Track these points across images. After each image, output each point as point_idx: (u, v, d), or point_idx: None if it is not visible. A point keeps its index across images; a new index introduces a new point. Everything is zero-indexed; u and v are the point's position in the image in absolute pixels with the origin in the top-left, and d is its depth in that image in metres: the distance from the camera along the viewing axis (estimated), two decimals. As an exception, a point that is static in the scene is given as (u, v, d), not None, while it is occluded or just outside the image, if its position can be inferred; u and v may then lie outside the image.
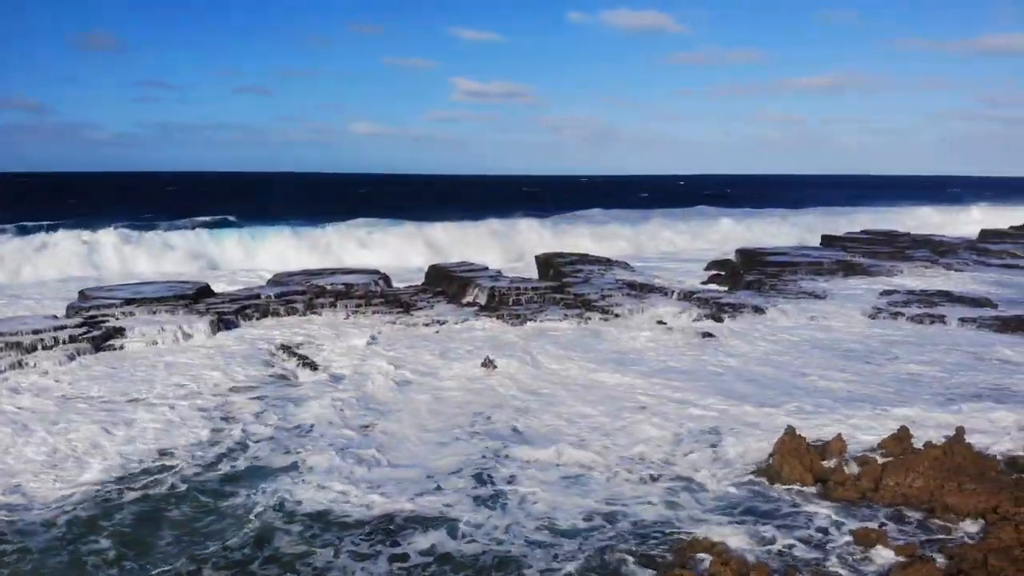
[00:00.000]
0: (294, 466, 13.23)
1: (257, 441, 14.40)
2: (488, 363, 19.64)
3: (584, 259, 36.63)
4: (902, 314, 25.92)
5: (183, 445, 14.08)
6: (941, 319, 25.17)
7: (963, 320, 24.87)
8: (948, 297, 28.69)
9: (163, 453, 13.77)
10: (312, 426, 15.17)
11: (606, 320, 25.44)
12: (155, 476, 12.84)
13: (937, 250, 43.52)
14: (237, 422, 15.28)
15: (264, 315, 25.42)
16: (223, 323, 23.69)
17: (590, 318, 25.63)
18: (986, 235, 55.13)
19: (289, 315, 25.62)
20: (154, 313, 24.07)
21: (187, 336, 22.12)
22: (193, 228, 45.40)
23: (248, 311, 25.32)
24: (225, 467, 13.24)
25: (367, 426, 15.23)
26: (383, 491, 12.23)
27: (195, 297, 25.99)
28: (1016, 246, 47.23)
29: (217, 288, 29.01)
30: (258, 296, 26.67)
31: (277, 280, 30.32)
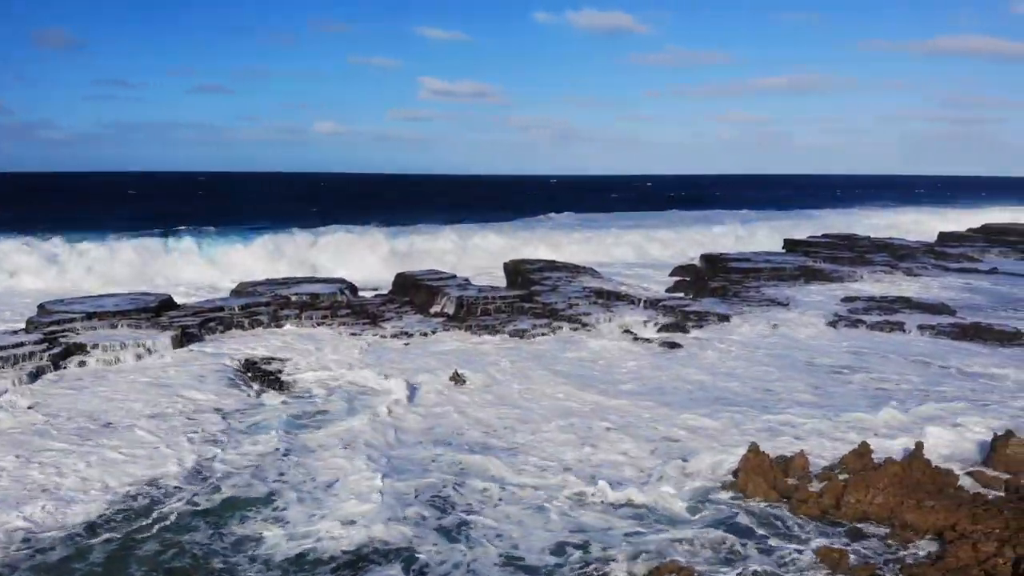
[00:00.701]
0: (268, 499, 12.81)
1: (229, 472, 13.81)
2: (456, 377, 19.63)
3: (552, 266, 36.73)
4: (863, 322, 26.42)
5: (152, 477, 13.47)
6: (901, 326, 25.68)
7: (922, 327, 25.39)
8: (907, 304, 29.28)
9: (131, 487, 13.11)
10: (287, 452, 14.72)
11: (575, 330, 25.55)
12: (128, 512, 12.39)
13: (897, 254, 44.40)
14: (203, 450, 14.74)
15: (228, 328, 25.11)
16: (187, 337, 23.35)
17: (559, 328, 25.72)
18: (944, 238, 56.36)
19: (254, 327, 25.34)
20: (116, 327, 23.67)
21: (150, 352, 21.78)
22: (165, 235, 44.68)
23: (212, 324, 24.99)
24: (201, 500, 12.72)
25: (336, 449, 15.05)
26: (352, 522, 12.00)
27: (158, 310, 25.58)
28: (973, 248, 48.40)
29: (179, 299, 28.58)
30: (221, 308, 26.33)
31: (240, 290, 29.95)
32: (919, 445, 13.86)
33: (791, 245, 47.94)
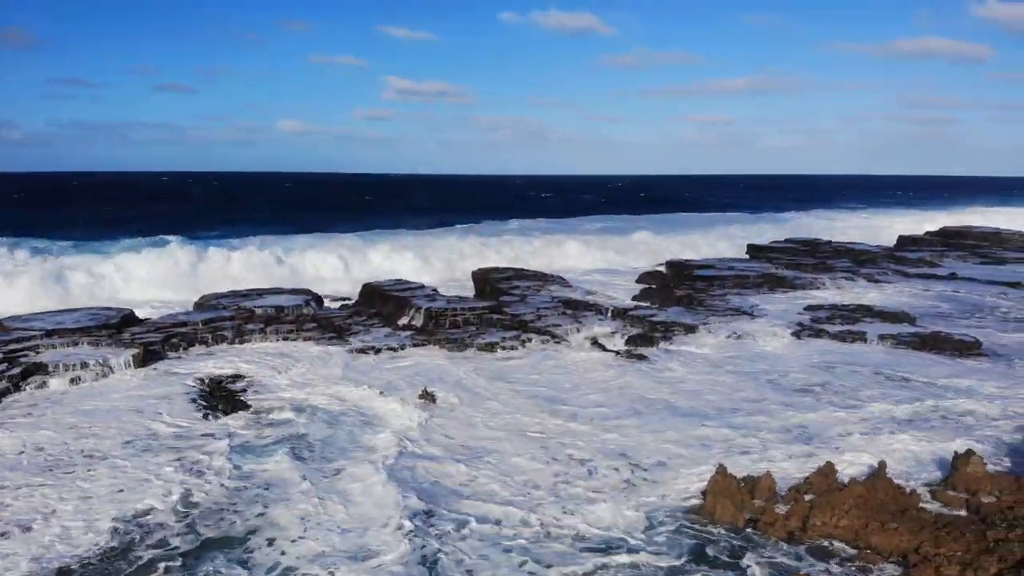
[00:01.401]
0: (246, 538, 12.44)
1: (206, 510, 13.30)
2: (426, 396, 19.53)
3: (520, 274, 36.77)
4: (826, 331, 26.82)
5: (125, 516, 12.97)
6: (862, 336, 26.11)
7: (883, 337, 25.84)
8: (868, 312, 29.77)
9: (102, 532, 12.53)
10: (267, 486, 14.27)
11: (544, 343, 25.59)
12: (104, 551, 12.08)
13: (858, 259, 45.18)
14: (175, 485, 14.18)
15: (191, 344, 24.70)
16: (149, 355, 22.93)
17: (528, 340, 25.75)
18: (903, 242, 57.51)
19: (217, 343, 24.95)
20: (76, 345, 23.18)
21: (113, 370, 21.35)
22: (137, 241, 43.81)
23: (175, 340, 24.58)
24: (177, 541, 12.27)
25: (306, 483, 14.73)
26: (316, 561, 11.83)
27: (119, 326, 25.12)
28: (932, 253, 49.39)
29: (141, 313, 28.10)
30: (184, 323, 25.92)
31: (204, 303, 29.51)
32: (882, 464, 14.13)
33: (755, 251, 48.54)
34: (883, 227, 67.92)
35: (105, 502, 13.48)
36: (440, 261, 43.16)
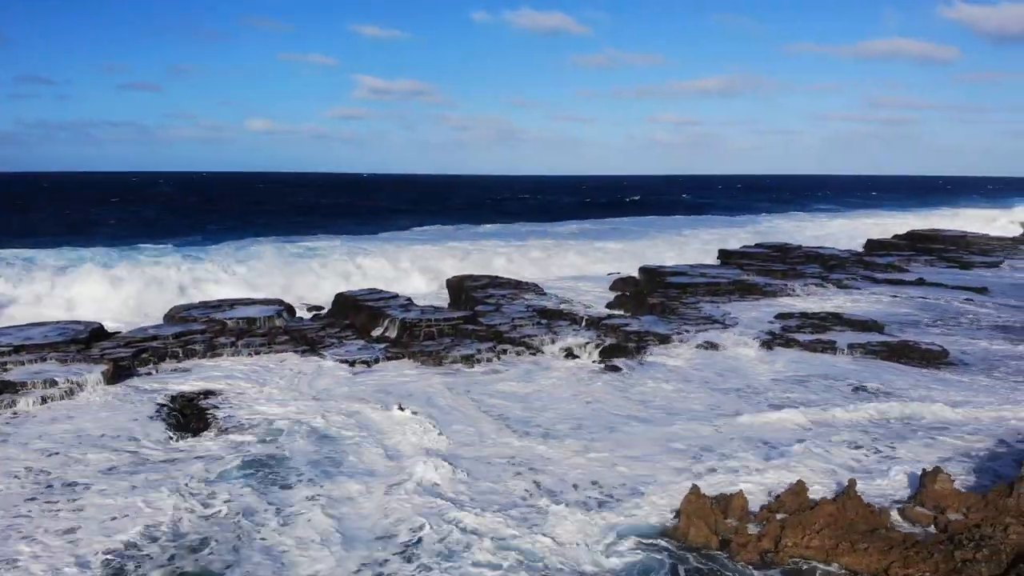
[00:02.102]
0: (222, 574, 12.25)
1: (186, 542, 13.01)
2: (398, 411, 19.46)
3: (495, 282, 36.77)
4: (797, 341, 27.11)
5: (106, 548, 12.67)
6: (832, 346, 26.44)
7: (852, 346, 26.20)
8: (838, 320, 30.17)
9: (83, 556, 12.45)
10: (242, 513, 13.97)
11: (519, 354, 25.64)
12: None
13: (827, 264, 45.79)
14: (158, 513, 13.89)
15: (162, 359, 24.37)
16: (119, 371, 22.61)
17: (504, 351, 25.77)
18: (872, 246, 58.41)
19: (189, 357, 24.64)
20: (45, 361, 22.80)
21: (82, 388, 20.99)
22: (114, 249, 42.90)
23: (145, 355, 24.24)
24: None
25: (288, 507, 14.61)
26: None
27: (88, 341, 24.72)
28: (900, 258, 50.20)
29: (110, 327, 27.70)
30: (155, 337, 25.59)
31: (174, 315, 29.18)
32: (852, 483, 14.31)
33: (725, 256, 48.97)
34: (852, 230, 68.83)
35: (88, 533, 13.20)
36: (415, 268, 42.91)
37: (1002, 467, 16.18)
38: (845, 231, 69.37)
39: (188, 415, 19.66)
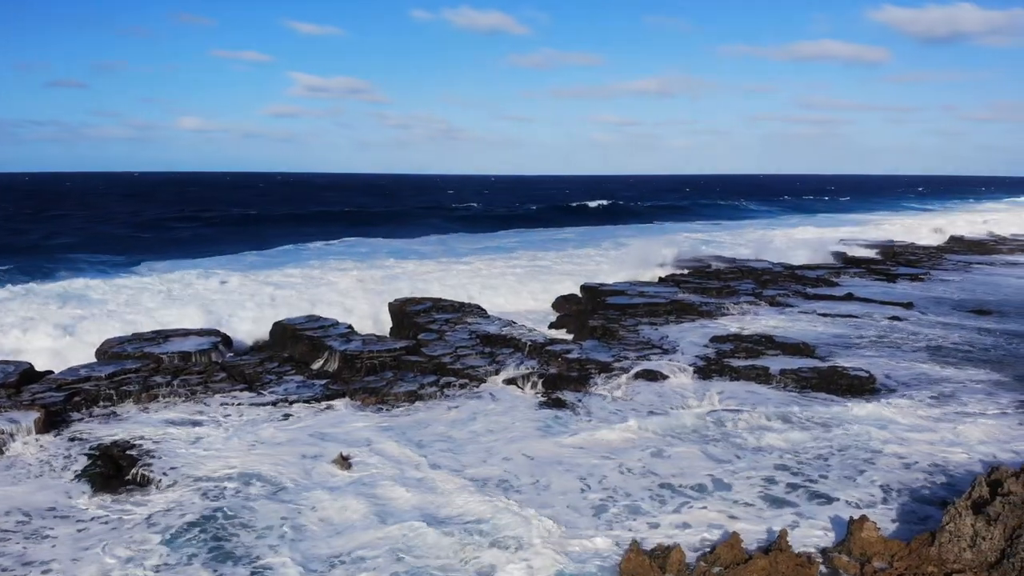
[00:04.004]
0: None
1: None
2: (341, 461, 19.39)
3: (438, 305, 36.76)
4: (730, 367, 27.82)
5: None
6: (765, 372, 27.19)
7: (784, 372, 26.99)
8: (771, 343, 31.02)
9: None
10: None
11: (463, 387, 25.77)
12: None
13: (760, 279, 47.00)
14: None
15: (95, 402, 23.72)
16: (51, 417, 21.93)
17: (448, 384, 25.86)
18: (803, 254, 60.09)
19: (122, 400, 24.00)
20: (-33, 409, 21.96)
21: (13, 438, 20.27)
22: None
23: (77, 399, 23.57)
24: None
25: None
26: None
27: (17, 384, 23.92)
28: (830, 271, 51.84)
29: (38, 364, 26.83)
30: (87, 378, 24.90)
31: (106, 350, 28.41)
32: (783, 533, 14.85)
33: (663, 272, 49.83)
34: (784, 238, 70.77)
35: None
36: (357, 288, 42.58)
37: (926, 508, 16.91)
38: (777, 240, 71.33)
39: (123, 468, 19.20)
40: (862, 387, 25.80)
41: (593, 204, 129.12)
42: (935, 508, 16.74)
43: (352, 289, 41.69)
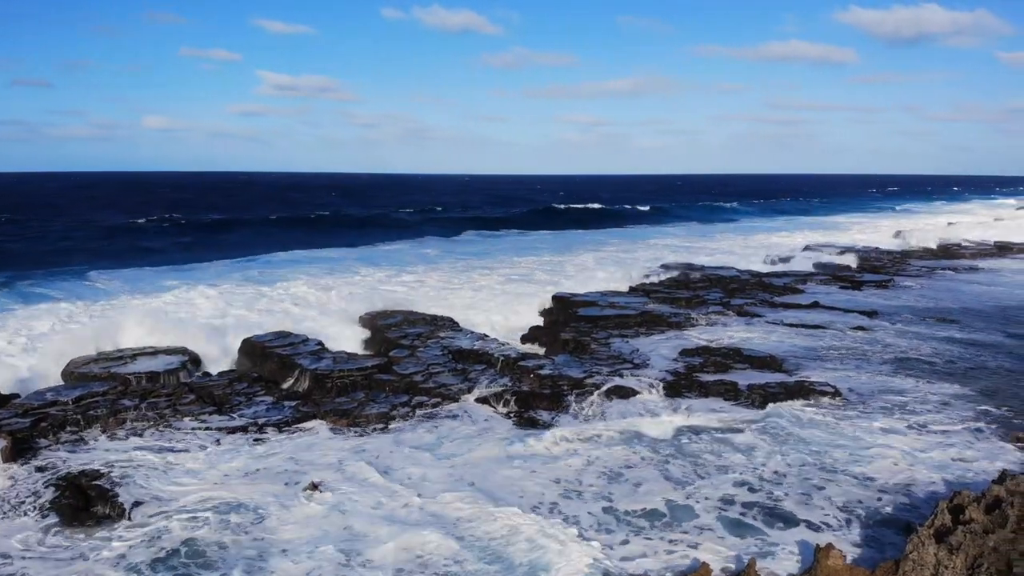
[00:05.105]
0: None
1: None
2: (313, 488, 19.33)
3: (409, 318, 36.70)
4: (700, 383, 28.11)
5: None
6: (734, 387, 27.49)
7: (751, 387, 27.32)
8: (739, 356, 31.40)
9: None
10: None
11: (435, 406, 25.78)
12: None
13: (728, 288, 47.49)
14: None
15: (62, 427, 23.38)
16: (18, 446, 21.54)
17: (420, 404, 25.85)
18: (770, 261, 60.88)
19: (90, 425, 23.66)
20: (-71, 438, 21.51)
21: (-28, 471, 19.94)
22: None
23: (44, 425, 23.20)
24: None
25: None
26: None
27: (-19, 411, 23.47)
28: (796, 278, 52.54)
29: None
30: (54, 402, 24.51)
31: (73, 371, 27.96)
32: (752, 563, 15.13)
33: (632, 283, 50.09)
34: (752, 246, 71.65)
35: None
36: (328, 301, 42.29)
37: (887, 533, 17.27)
38: (745, 245, 72.22)
39: (91, 498, 18.95)
40: (829, 402, 26.22)
41: (563, 207, 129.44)
42: (895, 532, 17.14)
43: (323, 302, 41.41)
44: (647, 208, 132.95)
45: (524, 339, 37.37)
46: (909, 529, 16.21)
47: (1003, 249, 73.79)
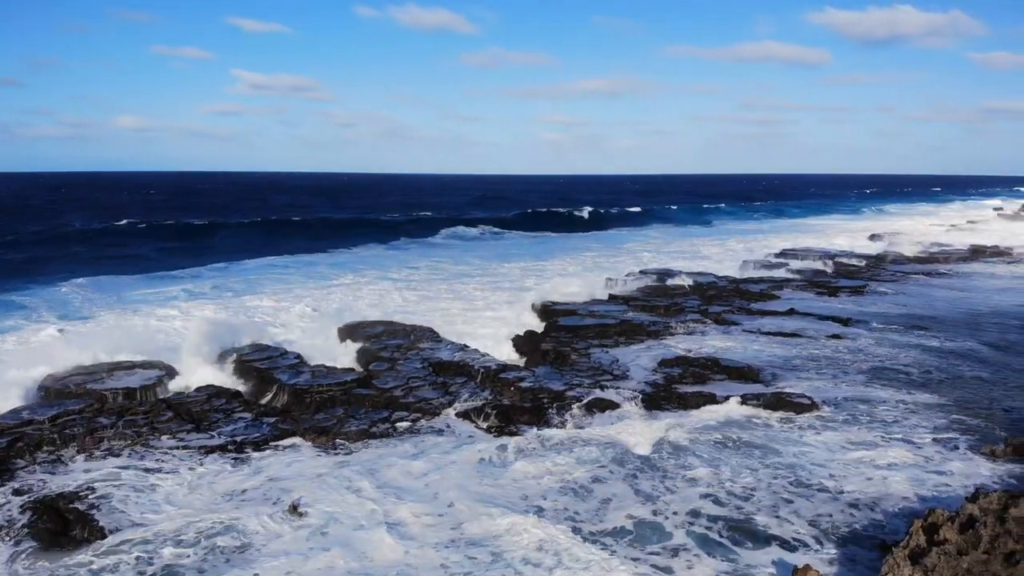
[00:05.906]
0: None
1: None
2: (294, 510, 19.28)
3: (390, 329, 36.63)
4: (679, 395, 28.35)
5: None
6: (713, 399, 27.75)
7: (728, 399, 27.57)
8: (717, 367, 31.66)
9: None
10: None
11: (415, 422, 25.77)
12: None
13: (706, 295, 47.88)
14: None
15: (38, 447, 23.11)
16: (-8, 467, 21.30)
17: (400, 419, 25.84)
18: (747, 266, 61.45)
19: (66, 444, 23.41)
20: (-100, 461, 21.22)
21: (-55, 495, 19.67)
22: None
23: (20, 445, 22.92)
24: None
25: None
26: None
27: (-45, 430, 23.14)
28: (772, 284, 53.05)
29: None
30: (30, 421, 24.23)
31: (50, 386, 27.63)
32: (731, 584, 15.33)
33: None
34: (728, 251, 72.30)
35: None
36: (306, 311, 42.10)
37: (860, 552, 17.50)
38: (721, 249, 72.86)
39: (69, 522, 18.78)
40: (805, 412, 26.48)
41: (544, 210, 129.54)
42: (868, 550, 17.34)
43: (301, 313, 41.24)
44: (626, 210, 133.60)
45: (504, 349, 37.42)
46: (884, 547, 16.48)
47: (977, 252, 74.91)
